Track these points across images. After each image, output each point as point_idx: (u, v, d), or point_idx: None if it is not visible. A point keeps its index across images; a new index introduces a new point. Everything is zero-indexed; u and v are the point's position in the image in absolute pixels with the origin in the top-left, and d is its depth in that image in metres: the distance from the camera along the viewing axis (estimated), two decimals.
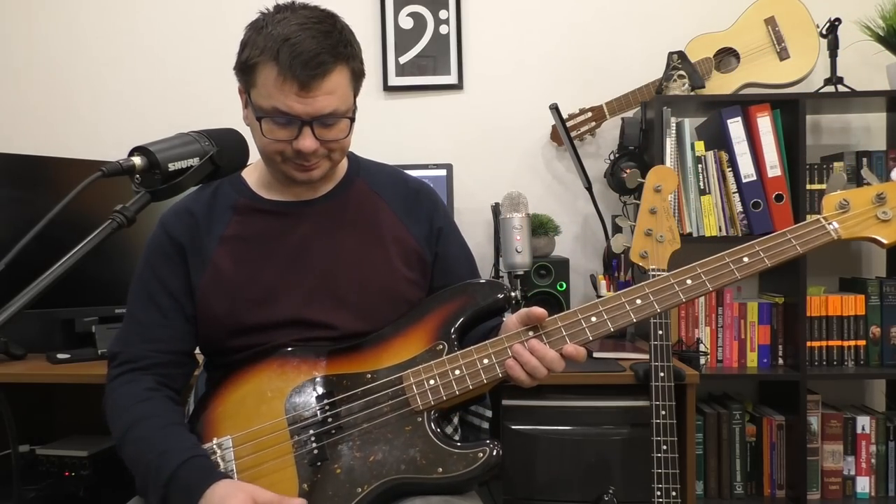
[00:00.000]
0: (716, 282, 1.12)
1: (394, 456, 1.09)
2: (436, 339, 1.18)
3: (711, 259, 1.14)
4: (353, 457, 1.10)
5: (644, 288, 1.14)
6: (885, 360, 2.16)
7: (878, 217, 1.11)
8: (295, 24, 1.13)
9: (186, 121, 1.50)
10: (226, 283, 1.23)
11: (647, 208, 1.51)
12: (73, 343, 2.12)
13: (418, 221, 1.32)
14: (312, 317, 1.22)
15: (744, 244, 1.15)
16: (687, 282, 1.13)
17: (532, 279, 2.18)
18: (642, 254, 1.52)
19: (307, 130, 1.15)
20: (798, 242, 1.12)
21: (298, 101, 1.13)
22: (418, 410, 1.12)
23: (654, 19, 2.48)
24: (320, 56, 1.11)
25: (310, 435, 1.12)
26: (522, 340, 1.13)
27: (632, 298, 1.14)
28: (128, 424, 1.14)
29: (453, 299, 1.22)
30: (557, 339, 1.13)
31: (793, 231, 1.13)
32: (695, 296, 1.13)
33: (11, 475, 1.97)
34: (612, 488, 1.69)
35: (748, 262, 1.12)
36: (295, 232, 1.26)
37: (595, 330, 1.13)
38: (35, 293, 0.84)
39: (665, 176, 1.52)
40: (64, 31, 2.61)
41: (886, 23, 2.18)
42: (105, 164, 0.91)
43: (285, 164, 1.21)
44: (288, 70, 1.10)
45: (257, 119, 1.16)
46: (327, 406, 1.14)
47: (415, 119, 2.53)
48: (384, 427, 1.11)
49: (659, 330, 1.53)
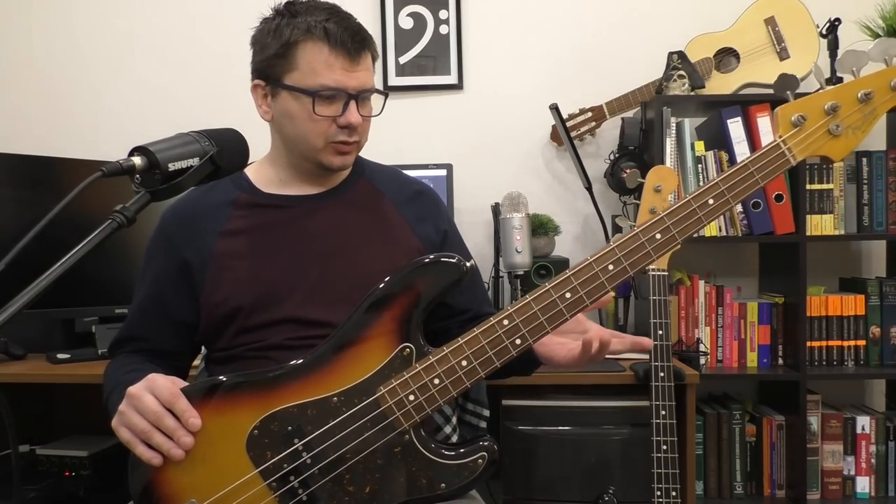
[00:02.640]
0: (684, 232, 1.05)
1: (392, 482, 1.02)
2: (400, 342, 1.05)
3: (678, 208, 1.07)
4: (348, 492, 1.01)
5: (616, 252, 1.05)
6: (885, 360, 2.16)
7: (829, 132, 1.07)
8: (327, 10, 1.21)
9: (186, 121, 1.50)
10: (227, 279, 1.23)
11: (646, 208, 1.52)
12: (73, 343, 2.12)
13: (422, 222, 1.32)
14: (310, 315, 1.20)
15: (707, 185, 1.07)
16: (657, 236, 1.05)
17: (532, 279, 2.18)
18: None
19: (353, 105, 1.19)
20: (760, 175, 1.06)
21: (346, 74, 1.18)
22: (404, 430, 1.03)
23: (654, 19, 2.48)
24: (362, 31, 1.21)
25: (292, 484, 1.02)
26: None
27: (604, 266, 1.04)
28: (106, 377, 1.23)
29: (405, 290, 1.06)
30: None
31: (753, 162, 1.06)
32: (665, 251, 1.06)
33: (11, 475, 1.97)
34: (612, 488, 1.69)
35: (713, 205, 1.05)
36: (297, 226, 1.26)
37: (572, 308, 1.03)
38: (35, 293, 0.84)
39: (665, 176, 1.53)
40: (64, 31, 2.61)
41: (886, 23, 2.18)
42: (105, 164, 0.91)
43: (325, 149, 1.22)
44: (340, 45, 1.17)
45: (309, 95, 1.17)
46: (301, 446, 1.02)
47: (415, 119, 2.53)
48: (372, 455, 1.02)
49: (659, 330, 1.53)
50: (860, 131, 1.09)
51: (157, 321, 1.27)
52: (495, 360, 1.03)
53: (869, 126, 1.09)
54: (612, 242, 1.07)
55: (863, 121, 1.09)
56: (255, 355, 1.21)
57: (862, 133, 1.09)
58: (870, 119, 1.09)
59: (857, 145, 1.10)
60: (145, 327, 1.28)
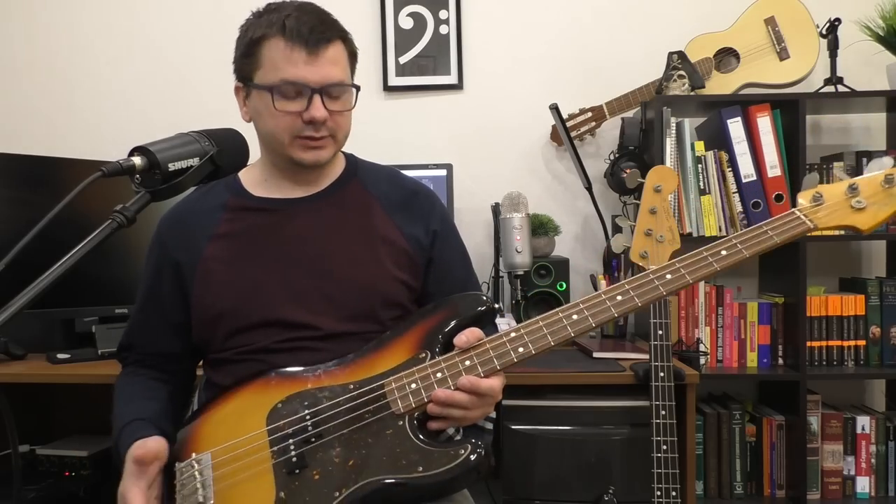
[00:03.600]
0: (694, 274, 1.13)
1: (374, 458, 1.06)
2: (419, 349, 1.15)
3: (691, 257, 1.15)
4: (333, 462, 1.07)
5: (625, 285, 1.13)
6: (885, 360, 2.16)
7: (852, 206, 1.14)
8: (294, 7, 1.22)
9: (187, 121, 1.50)
10: (215, 282, 1.25)
11: (646, 208, 1.51)
12: (73, 343, 2.12)
13: (412, 223, 1.32)
14: (294, 317, 1.21)
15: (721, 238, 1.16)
16: (667, 276, 1.13)
17: (532, 279, 2.18)
18: (642, 254, 1.52)
19: (317, 99, 1.19)
20: (775, 234, 1.13)
21: (306, 68, 1.18)
22: (399, 414, 1.09)
23: (654, 19, 2.48)
24: (323, 24, 1.20)
25: (289, 444, 1.09)
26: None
27: (612, 295, 1.12)
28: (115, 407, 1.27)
29: (436, 312, 1.20)
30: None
31: (769, 223, 1.14)
32: (676, 288, 1.14)
33: (11, 475, 1.97)
34: (612, 488, 1.69)
35: (726, 255, 1.13)
36: (284, 229, 1.27)
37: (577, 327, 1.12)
38: (35, 293, 0.84)
39: (665, 176, 1.52)
40: (64, 31, 2.61)
41: (886, 23, 2.18)
42: (105, 164, 0.92)
43: (293, 145, 1.22)
44: (296, 37, 1.17)
45: (268, 91, 1.18)
46: (308, 416, 1.11)
47: (415, 119, 2.53)
48: (364, 431, 1.09)
49: (659, 330, 1.53)
50: (887, 206, 1.13)
51: (157, 324, 1.31)
52: (496, 363, 1.11)
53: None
54: (625, 283, 1.15)
55: (889, 198, 1.14)
56: (245, 358, 1.22)
57: (889, 208, 1.13)
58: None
59: (887, 218, 1.14)
60: (146, 331, 1.33)
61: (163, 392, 1.29)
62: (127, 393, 1.28)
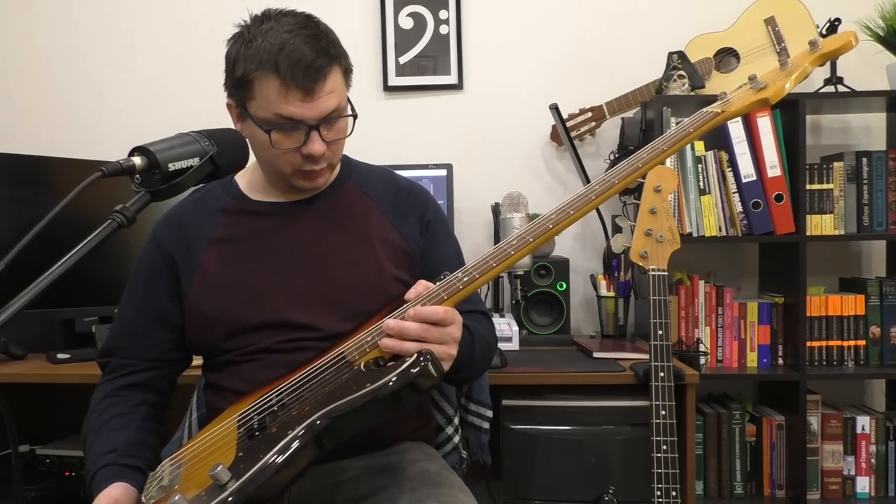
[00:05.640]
0: (623, 179, 1.21)
1: (328, 396, 1.03)
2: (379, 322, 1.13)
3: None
4: (290, 415, 1.04)
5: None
6: (885, 360, 2.16)
7: (755, 90, 1.35)
8: (284, 33, 1.14)
9: (187, 121, 1.50)
10: (213, 285, 1.25)
11: (647, 208, 1.51)
12: (73, 343, 2.12)
13: (407, 220, 1.33)
14: (296, 319, 1.22)
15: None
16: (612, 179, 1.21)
17: (532, 279, 2.18)
18: (642, 254, 1.53)
19: (315, 134, 1.17)
20: (692, 126, 1.32)
21: (303, 107, 1.14)
22: (355, 361, 1.08)
23: (654, 19, 2.48)
24: (317, 61, 1.13)
25: (253, 420, 1.08)
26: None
27: (547, 216, 1.18)
28: (88, 425, 1.24)
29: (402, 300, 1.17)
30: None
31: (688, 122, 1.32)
32: (608, 193, 1.21)
33: (11, 475, 1.97)
34: (612, 488, 1.69)
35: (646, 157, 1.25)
36: (283, 232, 1.27)
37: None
38: (35, 293, 0.84)
39: (665, 176, 1.52)
40: (64, 31, 2.61)
41: (886, 23, 2.18)
42: (105, 164, 0.92)
43: (294, 175, 1.23)
44: (290, 80, 1.12)
45: (265, 131, 1.16)
46: (274, 396, 1.11)
47: (415, 119, 2.53)
48: (321, 384, 1.08)
49: (659, 330, 1.53)
50: (785, 79, 1.38)
51: (146, 326, 1.29)
52: (443, 295, 1.10)
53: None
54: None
55: (787, 75, 1.39)
56: (246, 359, 1.22)
57: (788, 79, 1.37)
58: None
59: (792, 86, 1.38)
60: (135, 333, 1.29)
61: (138, 413, 1.25)
62: (103, 420, 1.23)
